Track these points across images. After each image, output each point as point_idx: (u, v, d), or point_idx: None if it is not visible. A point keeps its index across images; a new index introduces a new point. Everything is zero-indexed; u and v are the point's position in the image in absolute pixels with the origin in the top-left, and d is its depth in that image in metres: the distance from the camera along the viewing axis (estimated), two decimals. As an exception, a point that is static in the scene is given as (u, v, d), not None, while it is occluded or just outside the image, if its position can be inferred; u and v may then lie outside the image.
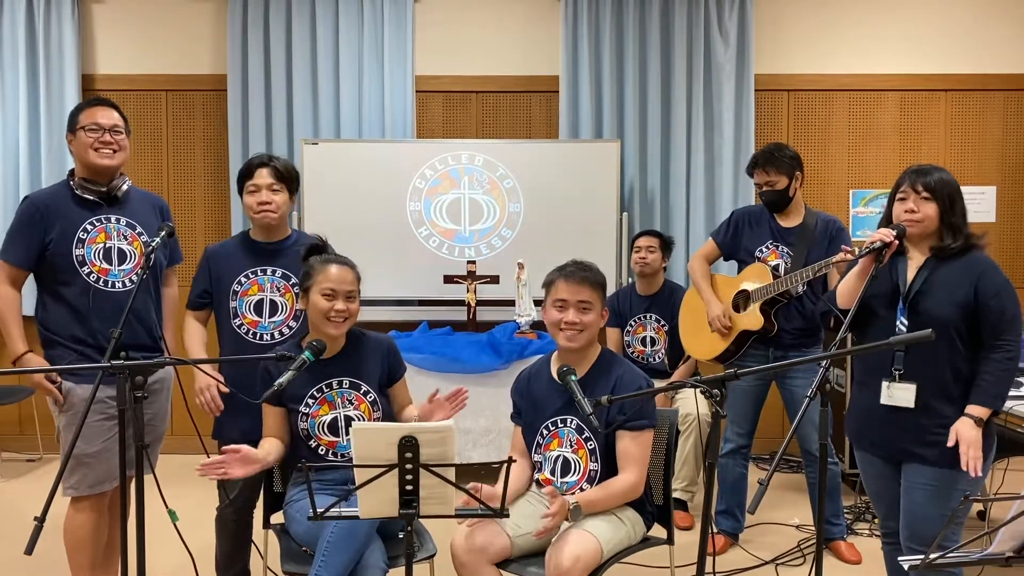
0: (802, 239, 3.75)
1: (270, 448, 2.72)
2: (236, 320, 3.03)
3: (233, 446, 2.51)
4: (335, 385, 2.78)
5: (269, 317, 3.04)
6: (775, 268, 3.75)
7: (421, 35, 5.43)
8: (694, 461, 4.25)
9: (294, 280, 3.05)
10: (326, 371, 2.77)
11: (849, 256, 3.14)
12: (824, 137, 5.50)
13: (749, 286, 3.78)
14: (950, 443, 2.49)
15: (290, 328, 3.04)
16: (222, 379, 2.98)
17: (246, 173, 3.04)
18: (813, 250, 3.72)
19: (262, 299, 3.04)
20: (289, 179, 3.07)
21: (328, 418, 2.76)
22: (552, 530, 2.50)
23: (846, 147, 5.50)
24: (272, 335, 3.03)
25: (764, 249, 3.82)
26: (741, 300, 3.81)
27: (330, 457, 2.77)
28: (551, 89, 5.40)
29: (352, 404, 2.78)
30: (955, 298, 2.54)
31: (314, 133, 5.37)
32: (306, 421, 2.76)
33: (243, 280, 3.04)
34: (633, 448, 2.65)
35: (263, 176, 3.01)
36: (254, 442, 3.00)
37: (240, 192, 3.08)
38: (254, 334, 3.03)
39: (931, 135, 5.49)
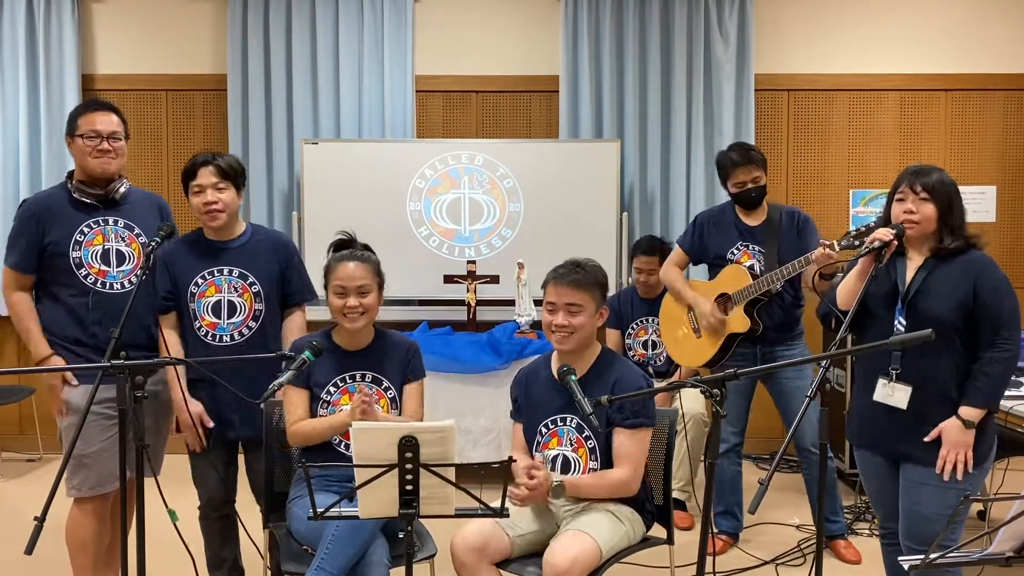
0: (770, 235, 3.76)
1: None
2: (196, 323, 2.98)
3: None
4: (358, 377, 2.80)
5: (228, 318, 2.98)
6: (750, 268, 3.76)
7: (421, 35, 5.43)
8: (690, 461, 4.25)
9: (252, 279, 3.00)
10: (351, 363, 2.80)
11: (829, 251, 3.14)
12: (824, 137, 5.49)
13: (729, 289, 3.78)
14: (929, 437, 2.50)
15: (249, 328, 2.99)
16: (203, 412, 2.96)
17: (189, 173, 2.97)
18: (783, 245, 3.73)
19: (220, 300, 2.98)
20: (234, 175, 2.98)
21: (348, 408, 2.76)
22: (526, 499, 2.53)
23: (846, 147, 5.50)
24: (232, 336, 2.98)
25: (735, 251, 3.82)
26: (722, 303, 3.81)
27: (342, 449, 2.77)
28: (551, 89, 5.40)
29: (373, 398, 2.78)
30: (954, 298, 2.54)
31: (314, 133, 5.37)
32: (326, 409, 2.78)
33: (200, 282, 2.98)
34: (628, 445, 2.65)
35: (206, 175, 2.94)
36: (226, 439, 3.04)
37: (186, 193, 3.00)
38: (213, 336, 2.97)
39: (931, 135, 5.49)
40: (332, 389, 2.79)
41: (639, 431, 2.67)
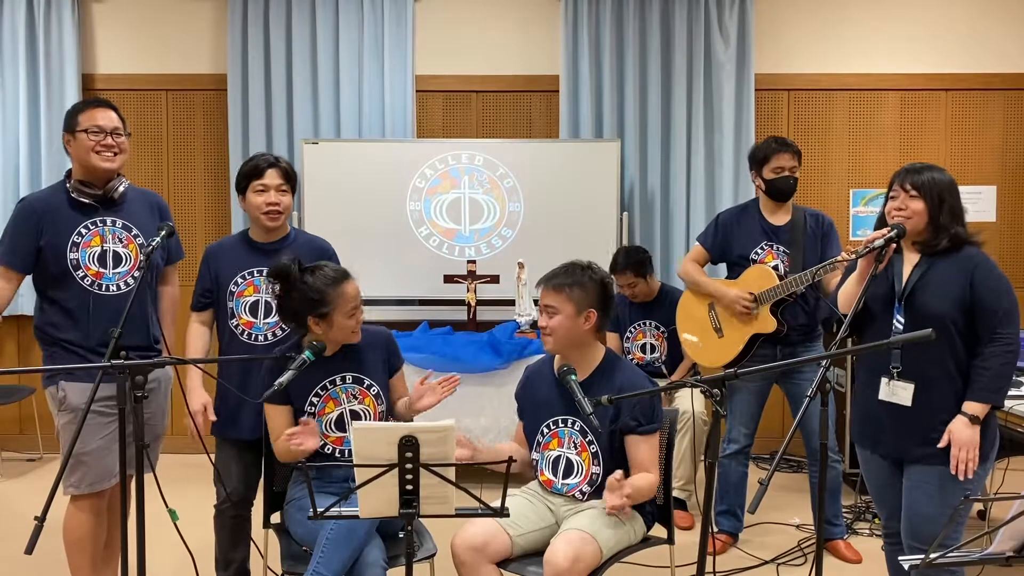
0: (795, 236, 3.75)
1: None
2: (233, 320, 3.04)
3: (303, 419, 2.67)
4: (338, 381, 2.80)
5: (264, 318, 3.03)
6: (774, 268, 3.74)
7: (421, 35, 5.43)
8: (691, 460, 4.25)
9: None
10: (328, 368, 2.79)
11: (855, 256, 3.15)
12: (824, 137, 5.49)
13: (754, 288, 3.76)
14: (941, 444, 2.50)
15: (283, 330, 3.02)
16: (209, 404, 2.97)
17: (254, 173, 3.01)
18: (808, 248, 3.72)
19: (257, 300, 3.04)
20: (294, 180, 3.10)
21: (334, 415, 2.78)
22: (623, 508, 2.53)
23: (846, 147, 5.50)
24: (266, 336, 3.03)
25: (760, 251, 3.80)
26: None
27: (337, 456, 2.78)
28: (551, 89, 5.40)
29: (357, 399, 2.80)
30: (951, 294, 2.54)
31: (314, 133, 5.37)
32: (314, 420, 2.77)
33: (239, 281, 3.04)
34: (647, 451, 2.69)
35: (273, 177, 3.01)
36: (253, 439, 3.02)
37: (242, 190, 3.04)
38: (249, 335, 3.03)
39: (931, 135, 5.49)
40: (314, 400, 2.79)
41: (654, 436, 2.71)
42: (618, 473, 2.52)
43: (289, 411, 2.78)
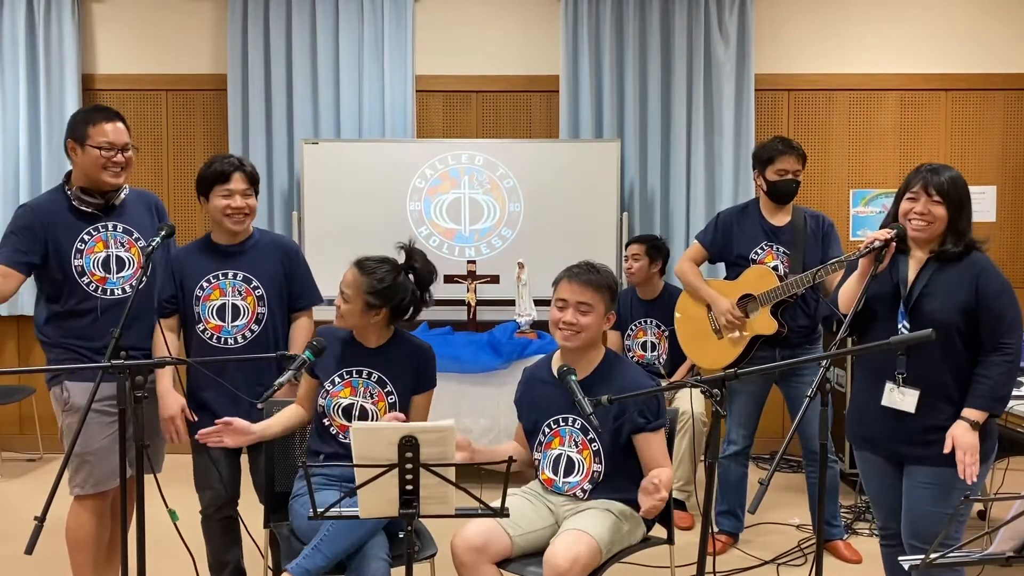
0: (795, 237, 3.73)
1: (278, 420, 2.84)
2: (199, 326, 3.01)
3: (226, 418, 2.64)
4: (364, 374, 2.81)
5: (232, 321, 3.00)
6: (773, 269, 3.73)
7: (421, 35, 5.43)
8: (690, 460, 4.24)
9: (255, 283, 3.02)
10: (361, 358, 2.82)
11: (854, 256, 3.14)
12: (824, 137, 5.49)
13: (754, 290, 3.75)
14: (946, 449, 2.49)
15: (252, 332, 3.01)
16: (186, 406, 2.96)
17: (219, 177, 2.95)
18: (808, 249, 3.71)
19: (224, 303, 3.01)
20: (258, 182, 3.07)
21: (345, 402, 2.80)
22: (659, 508, 2.49)
23: (846, 147, 5.50)
24: (235, 339, 3.01)
25: (759, 251, 3.79)
26: (743, 305, 3.78)
27: (341, 439, 2.80)
28: (551, 89, 5.40)
29: (372, 398, 2.80)
30: (956, 300, 2.53)
31: (314, 133, 5.37)
32: (325, 398, 2.81)
33: (205, 285, 3.01)
34: (659, 446, 2.70)
35: (239, 181, 2.96)
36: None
37: (206, 194, 2.99)
38: (218, 339, 3.00)
39: (931, 135, 5.49)
40: (336, 379, 2.81)
41: (662, 431, 2.72)
42: (652, 474, 2.51)
43: (316, 385, 2.84)
